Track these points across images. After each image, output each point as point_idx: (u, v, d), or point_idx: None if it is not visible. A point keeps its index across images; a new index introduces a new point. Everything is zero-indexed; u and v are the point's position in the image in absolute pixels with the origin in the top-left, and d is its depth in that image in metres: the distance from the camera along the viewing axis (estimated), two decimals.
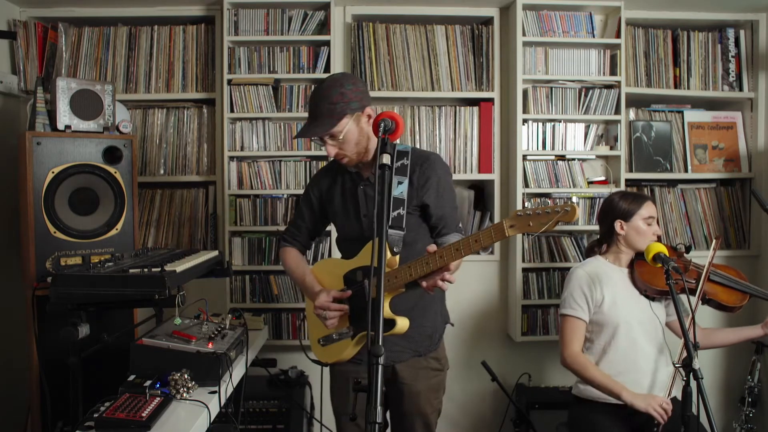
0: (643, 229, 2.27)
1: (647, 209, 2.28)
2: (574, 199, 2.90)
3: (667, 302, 2.34)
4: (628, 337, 2.22)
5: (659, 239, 2.30)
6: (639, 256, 2.31)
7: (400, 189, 1.85)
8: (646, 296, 2.28)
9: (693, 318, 1.96)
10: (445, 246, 1.67)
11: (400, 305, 1.83)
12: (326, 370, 2.08)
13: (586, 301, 2.25)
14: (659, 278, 2.22)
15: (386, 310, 1.78)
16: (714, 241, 2.26)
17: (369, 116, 1.87)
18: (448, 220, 1.93)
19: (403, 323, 1.73)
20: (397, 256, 1.80)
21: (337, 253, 2.32)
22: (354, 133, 1.85)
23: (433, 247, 1.69)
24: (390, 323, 1.74)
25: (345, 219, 2.00)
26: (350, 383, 1.97)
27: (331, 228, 2.26)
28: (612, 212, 2.31)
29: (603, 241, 2.40)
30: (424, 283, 1.73)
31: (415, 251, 1.84)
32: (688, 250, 2.23)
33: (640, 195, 2.38)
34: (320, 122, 1.82)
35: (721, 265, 2.39)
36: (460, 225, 2.01)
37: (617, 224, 2.29)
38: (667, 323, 2.35)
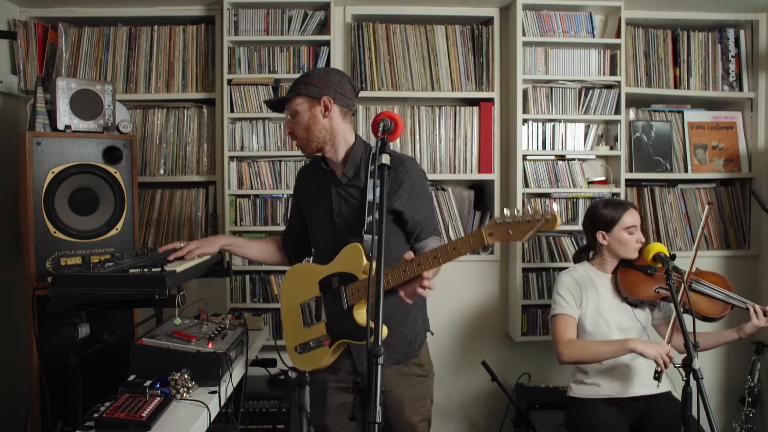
0: (625, 238, 2.28)
1: (629, 218, 2.28)
2: (555, 207, 2.93)
3: (653, 308, 2.37)
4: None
5: (642, 246, 2.30)
6: (623, 263, 2.34)
7: (377, 192, 1.82)
8: (628, 303, 2.30)
9: (693, 318, 1.96)
10: (423, 253, 1.64)
11: None
12: None
13: (574, 299, 2.29)
14: (640, 288, 2.26)
15: (363, 318, 1.74)
16: (707, 207, 2.26)
17: (326, 108, 1.86)
18: (425, 225, 1.90)
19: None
20: (374, 263, 1.78)
21: None
22: (304, 116, 1.87)
23: (410, 255, 1.66)
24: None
25: (318, 218, 1.98)
26: (327, 392, 1.94)
27: None
28: (595, 222, 2.33)
29: (589, 248, 2.43)
30: (401, 292, 1.70)
31: (389, 257, 1.79)
32: (672, 258, 2.23)
33: (622, 202, 2.38)
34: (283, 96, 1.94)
35: (707, 272, 2.38)
36: (439, 228, 1.99)
37: (599, 235, 2.31)
38: (656, 328, 2.37)
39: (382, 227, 1.45)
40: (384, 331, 1.69)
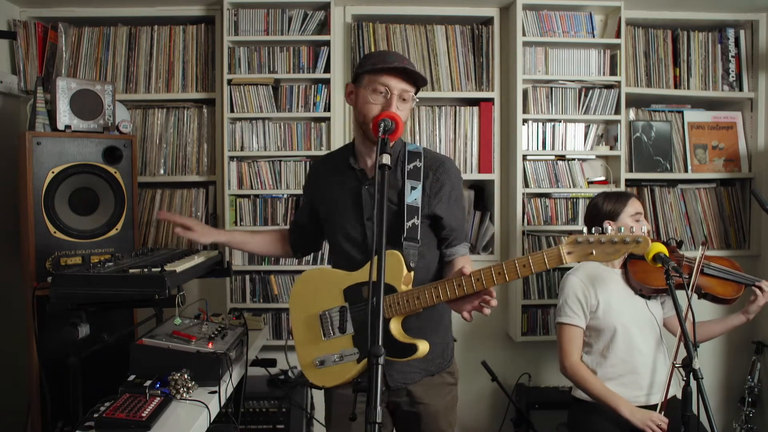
0: (632, 226, 2.26)
1: (633, 206, 2.28)
2: (644, 229, 2.93)
3: (663, 299, 2.35)
4: (626, 340, 2.22)
5: (649, 234, 2.30)
6: (632, 255, 2.31)
7: (414, 195, 1.70)
8: (642, 295, 2.28)
9: (693, 317, 1.96)
10: (484, 269, 1.53)
11: (409, 323, 1.69)
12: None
13: (582, 307, 2.25)
14: (653, 277, 2.23)
15: (402, 335, 1.64)
16: (701, 247, 2.27)
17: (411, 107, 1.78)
18: (459, 232, 1.81)
19: (423, 347, 1.60)
20: (412, 273, 1.65)
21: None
22: (411, 104, 1.75)
23: (468, 269, 1.54)
24: (411, 348, 1.60)
25: (343, 220, 1.81)
26: (357, 408, 1.77)
27: None
28: (599, 214, 2.31)
29: None
30: (465, 313, 1.58)
31: (423, 264, 1.72)
32: (680, 245, 2.22)
33: (623, 193, 2.38)
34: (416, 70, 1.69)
35: (714, 257, 2.40)
36: (469, 234, 1.94)
37: (606, 224, 2.28)
38: (664, 321, 2.35)
39: (383, 228, 1.41)
40: (426, 346, 1.60)
